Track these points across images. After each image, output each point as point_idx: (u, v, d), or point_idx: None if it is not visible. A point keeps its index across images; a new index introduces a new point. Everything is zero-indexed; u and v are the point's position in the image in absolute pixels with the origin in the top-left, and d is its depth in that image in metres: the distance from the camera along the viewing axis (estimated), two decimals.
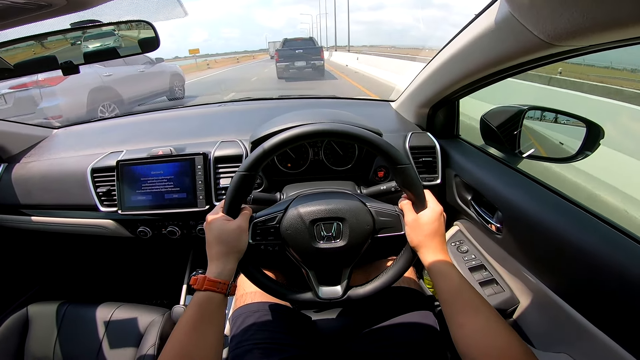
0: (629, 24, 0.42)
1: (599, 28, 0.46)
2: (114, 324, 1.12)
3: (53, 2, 0.54)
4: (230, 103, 1.78)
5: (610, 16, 0.43)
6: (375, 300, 0.89)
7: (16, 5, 0.54)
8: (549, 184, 0.88)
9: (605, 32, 0.46)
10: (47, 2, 0.54)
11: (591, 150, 0.91)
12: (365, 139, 0.71)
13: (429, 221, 0.73)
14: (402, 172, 0.72)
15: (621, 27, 0.44)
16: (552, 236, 0.75)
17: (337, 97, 1.81)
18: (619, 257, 0.62)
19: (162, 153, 1.13)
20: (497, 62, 0.75)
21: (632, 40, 0.49)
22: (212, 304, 0.65)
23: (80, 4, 0.58)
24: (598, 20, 0.45)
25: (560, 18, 0.50)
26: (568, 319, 0.73)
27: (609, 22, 0.44)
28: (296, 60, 14.28)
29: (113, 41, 0.85)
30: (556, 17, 0.50)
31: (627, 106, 2.62)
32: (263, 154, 0.70)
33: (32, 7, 0.55)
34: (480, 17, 0.71)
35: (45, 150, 1.37)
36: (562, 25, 0.51)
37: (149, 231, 1.21)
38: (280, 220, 0.76)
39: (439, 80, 1.03)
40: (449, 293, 0.66)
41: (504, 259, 0.98)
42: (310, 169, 1.18)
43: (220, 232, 0.70)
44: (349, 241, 0.75)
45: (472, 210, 1.07)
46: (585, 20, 0.46)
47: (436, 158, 1.18)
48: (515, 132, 1.02)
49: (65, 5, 0.56)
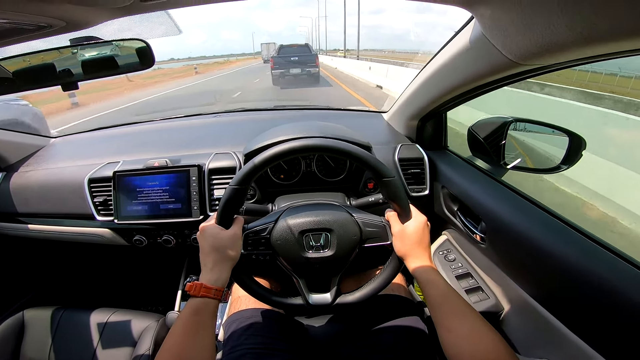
0: (578, 45, 0.47)
1: (557, 48, 0.50)
2: (109, 330, 1.13)
3: (52, 23, 0.57)
4: (225, 114, 1.81)
5: (562, 38, 0.47)
6: (366, 306, 0.91)
7: (17, 27, 0.57)
8: (531, 196, 0.91)
9: (560, 52, 0.51)
10: (46, 23, 0.57)
11: (573, 161, 0.94)
12: (352, 154, 0.75)
13: (414, 231, 0.76)
14: (387, 185, 0.75)
15: (573, 47, 0.48)
16: (533, 246, 0.78)
17: (330, 108, 1.84)
18: (596, 267, 0.65)
19: (158, 165, 1.16)
20: (472, 80, 0.80)
21: (589, 59, 0.53)
22: (207, 310, 0.67)
23: (78, 24, 0.61)
24: (552, 41, 0.49)
25: (523, 39, 0.54)
26: (548, 325, 0.76)
27: (561, 43, 0.48)
28: (291, 67, 14.30)
29: (110, 50, 0.86)
30: (520, 38, 0.55)
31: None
32: (254, 169, 0.73)
33: (32, 28, 0.58)
34: (458, 36, 0.75)
35: (43, 160, 1.39)
36: (525, 46, 0.55)
37: (145, 240, 1.24)
38: (271, 231, 0.79)
39: (425, 93, 1.07)
40: (436, 299, 0.69)
41: (489, 268, 1.01)
42: (302, 180, 1.21)
43: (215, 239, 0.72)
44: (336, 251, 0.78)
45: (459, 220, 1.09)
46: (544, 41, 0.50)
47: (424, 170, 1.21)
48: (500, 143, 1.05)
49: (64, 26, 0.59)
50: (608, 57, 0.50)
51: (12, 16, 0.51)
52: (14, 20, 0.53)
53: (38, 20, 0.55)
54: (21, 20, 0.54)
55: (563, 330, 0.72)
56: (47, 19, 0.55)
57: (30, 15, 0.52)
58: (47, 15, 0.54)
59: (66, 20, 0.58)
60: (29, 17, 0.53)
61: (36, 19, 0.54)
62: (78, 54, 0.86)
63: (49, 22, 0.57)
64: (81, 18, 0.59)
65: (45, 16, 0.54)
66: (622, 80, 11.47)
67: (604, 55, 0.49)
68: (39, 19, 0.54)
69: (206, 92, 14.79)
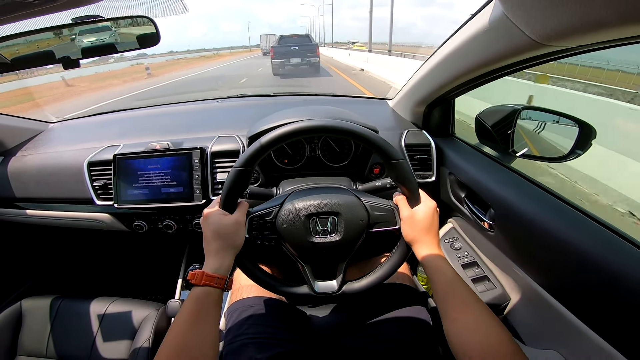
0: (614, 24, 0.44)
1: (586, 28, 0.48)
2: (108, 319, 1.12)
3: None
4: (227, 99, 1.79)
5: (596, 17, 0.45)
6: (369, 295, 0.90)
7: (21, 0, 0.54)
8: (541, 182, 0.89)
9: (591, 32, 0.48)
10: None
11: (583, 150, 0.92)
12: (360, 135, 0.72)
13: (424, 216, 0.74)
14: (396, 167, 0.73)
15: (607, 27, 0.45)
16: (543, 234, 0.76)
17: (334, 95, 1.82)
18: (609, 255, 0.63)
19: (160, 147, 1.13)
20: (491, 62, 0.77)
21: (618, 41, 0.50)
22: (210, 299, 0.65)
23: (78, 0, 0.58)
24: (584, 20, 0.46)
25: (550, 18, 0.51)
26: (558, 316, 0.74)
27: (595, 22, 0.46)
28: (291, 57, 14.47)
29: (109, 36, 0.84)
30: (546, 17, 0.52)
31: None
32: (259, 149, 0.71)
33: (36, 2, 0.55)
34: (475, 17, 0.72)
35: (42, 144, 1.37)
36: (551, 26, 0.52)
37: (145, 225, 1.21)
38: (277, 214, 0.76)
39: (434, 79, 1.04)
40: (443, 287, 0.68)
41: (496, 256, 0.99)
42: (306, 165, 1.19)
43: (218, 226, 0.70)
44: (344, 235, 0.76)
45: (466, 207, 1.08)
46: (572, 20, 0.47)
47: (431, 156, 1.19)
48: (509, 131, 1.03)
49: (65, 1, 0.56)
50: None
51: None
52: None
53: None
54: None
55: (573, 321, 0.70)
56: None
57: None
58: None
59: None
60: None
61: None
62: (77, 39, 0.83)
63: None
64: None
65: None
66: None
67: (637, 37, 0.47)
68: None
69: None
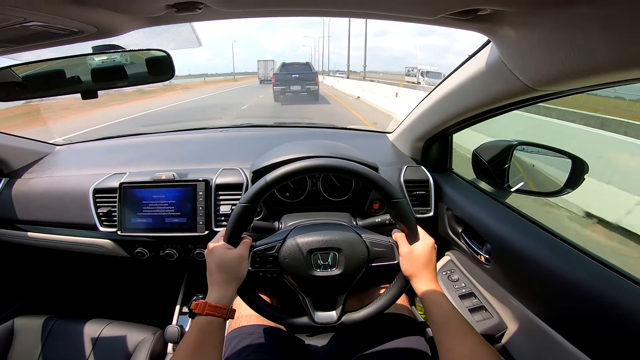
0: (603, 71, 0.48)
1: (576, 75, 0.52)
2: (103, 341, 1.11)
3: (84, 28, 0.58)
4: (232, 129, 1.82)
5: (586, 65, 0.49)
6: (368, 325, 0.90)
7: (49, 31, 0.57)
8: (536, 219, 0.92)
9: (582, 78, 0.52)
10: (78, 28, 0.58)
11: (576, 185, 0.95)
12: (362, 175, 0.76)
13: (422, 253, 0.77)
14: (395, 206, 0.76)
15: (596, 74, 0.50)
16: (538, 267, 0.79)
17: (335, 127, 1.87)
18: (602, 287, 0.66)
19: (165, 177, 1.16)
20: (486, 103, 0.82)
21: (607, 85, 0.55)
22: (213, 328, 0.67)
23: (108, 31, 0.61)
24: (575, 68, 0.51)
25: (543, 65, 0.56)
26: (553, 344, 0.76)
27: (585, 70, 0.50)
28: (292, 84, 14.97)
29: (119, 56, 0.85)
30: (539, 64, 0.56)
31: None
32: (265, 187, 0.74)
33: (64, 33, 0.59)
34: (473, 59, 0.77)
35: (47, 167, 1.38)
36: (544, 72, 0.57)
37: (147, 252, 1.22)
38: (279, 249, 0.79)
39: (433, 116, 1.09)
40: (440, 320, 0.69)
41: (493, 287, 1.01)
42: (307, 199, 1.21)
43: (222, 260, 0.73)
44: (344, 270, 0.78)
45: (463, 241, 1.10)
46: (564, 67, 0.52)
47: (429, 192, 1.22)
48: (505, 166, 1.07)
49: (95, 32, 0.60)
50: (627, 83, 0.52)
51: (48, 19, 0.52)
52: (49, 23, 0.54)
53: (72, 25, 0.56)
54: (55, 24, 0.54)
55: (569, 349, 0.72)
56: (80, 24, 0.56)
57: (65, 18, 0.53)
58: (81, 20, 0.55)
59: (98, 26, 0.58)
60: (62, 21, 0.54)
61: (70, 24, 0.55)
62: (88, 58, 0.85)
63: (81, 27, 0.57)
64: (112, 25, 0.60)
65: (79, 21, 0.55)
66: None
67: (624, 81, 0.51)
68: (73, 23, 0.55)
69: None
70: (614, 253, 2.80)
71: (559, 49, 0.51)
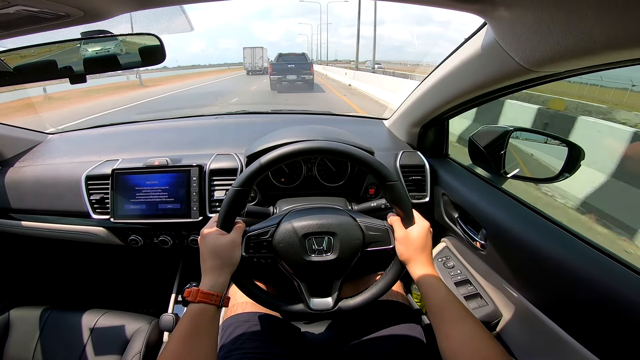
0: (599, 51, 0.47)
1: (571, 55, 0.51)
2: (99, 331, 1.11)
3: (71, 12, 0.56)
4: (226, 116, 1.81)
5: (582, 44, 0.48)
6: (364, 313, 0.90)
7: (35, 15, 0.56)
8: (531, 203, 0.92)
9: (577, 58, 0.51)
10: (65, 12, 0.56)
11: (572, 171, 0.95)
12: (356, 157, 0.75)
13: (418, 236, 0.76)
14: (390, 189, 0.76)
15: (592, 54, 0.48)
16: (533, 253, 0.79)
17: (331, 114, 1.85)
18: (596, 273, 0.65)
19: (159, 163, 1.15)
20: (483, 86, 0.80)
21: (604, 66, 0.54)
22: (206, 316, 0.66)
23: (96, 15, 0.60)
24: (570, 48, 0.50)
25: (538, 45, 0.54)
26: (548, 331, 0.76)
27: (581, 49, 0.49)
28: (288, 73, 15.29)
29: (114, 46, 0.84)
30: (535, 44, 0.55)
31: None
32: (258, 170, 0.73)
33: (50, 17, 0.57)
34: (469, 42, 0.76)
35: (40, 155, 1.37)
36: (539, 53, 0.56)
37: (141, 240, 1.21)
38: (273, 234, 0.78)
39: (429, 100, 1.08)
40: (437, 304, 0.69)
41: (488, 274, 1.01)
42: (303, 184, 1.20)
43: (214, 246, 0.72)
44: (339, 254, 0.77)
45: (459, 227, 1.10)
46: (560, 48, 0.51)
47: (425, 177, 1.22)
48: (501, 152, 1.06)
49: (82, 16, 0.58)
50: (624, 65, 0.51)
51: (32, 2, 0.50)
52: (33, 6, 0.52)
53: (57, 9, 0.54)
54: (40, 7, 0.53)
55: (563, 336, 0.72)
56: (66, 7, 0.54)
57: (49, 1, 0.51)
58: (66, 3, 0.53)
59: (85, 10, 0.57)
60: (47, 4, 0.52)
61: (55, 7, 0.54)
62: (81, 48, 0.83)
63: (68, 11, 0.56)
64: (100, 8, 0.58)
65: (64, 4, 0.53)
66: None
67: (621, 62, 0.50)
68: (58, 6, 0.54)
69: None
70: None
71: (553, 29, 0.50)
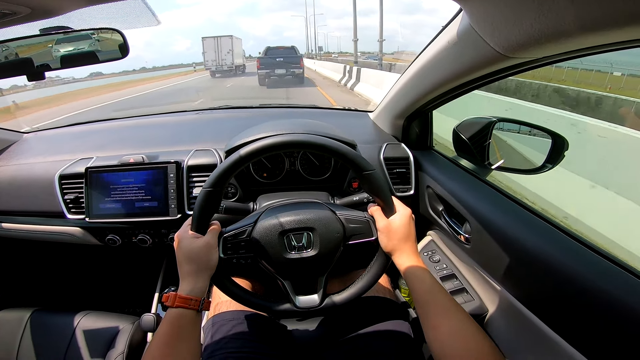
0: (573, 35, 0.45)
1: (546, 39, 0.49)
2: (81, 332, 1.09)
3: (16, 10, 0.54)
4: (208, 111, 1.77)
5: (555, 28, 0.46)
6: (351, 309, 0.89)
7: None
8: (516, 196, 0.90)
9: (552, 43, 0.49)
10: (10, 10, 0.53)
11: (556, 162, 0.94)
12: (330, 149, 0.73)
13: (400, 225, 0.74)
14: (368, 178, 0.74)
15: (566, 38, 0.46)
16: (516, 246, 0.77)
17: (316, 107, 1.82)
18: (579, 267, 0.64)
19: (134, 161, 1.12)
20: (461, 74, 0.78)
21: (581, 51, 0.52)
22: (185, 321, 0.65)
23: (44, 12, 0.57)
24: (544, 32, 0.48)
25: (512, 30, 0.53)
26: (533, 328, 0.75)
27: (554, 33, 0.47)
28: (277, 68, 14.97)
29: (88, 45, 0.82)
30: (508, 29, 0.53)
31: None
32: (228, 169, 0.70)
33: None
34: (445, 30, 0.74)
35: (14, 155, 1.34)
36: (514, 37, 0.54)
37: (118, 239, 1.19)
38: (251, 233, 0.76)
39: (411, 91, 1.05)
40: (423, 295, 0.68)
41: (473, 269, 1.00)
42: (286, 179, 1.18)
43: (189, 250, 0.70)
44: (320, 250, 0.76)
45: (443, 220, 1.08)
46: (533, 31, 0.49)
47: (410, 169, 1.20)
48: (485, 143, 1.05)
49: (29, 13, 0.55)
50: (600, 51, 0.50)
51: None
52: None
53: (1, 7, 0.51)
54: None
55: (547, 332, 0.71)
56: (10, 5, 0.52)
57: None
58: (9, 1, 0.50)
59: (31, 7, 0.54)
60: None
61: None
62: (53, 48, 0.81)
63: (12, 8, 0.53)
64: (47, 5, 0.55)
65: (6, 2, 0.50)
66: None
67: (596, 47, 0.48)
68: (2, 5, 0.51)
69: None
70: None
71: (526, 13, 0.48)
